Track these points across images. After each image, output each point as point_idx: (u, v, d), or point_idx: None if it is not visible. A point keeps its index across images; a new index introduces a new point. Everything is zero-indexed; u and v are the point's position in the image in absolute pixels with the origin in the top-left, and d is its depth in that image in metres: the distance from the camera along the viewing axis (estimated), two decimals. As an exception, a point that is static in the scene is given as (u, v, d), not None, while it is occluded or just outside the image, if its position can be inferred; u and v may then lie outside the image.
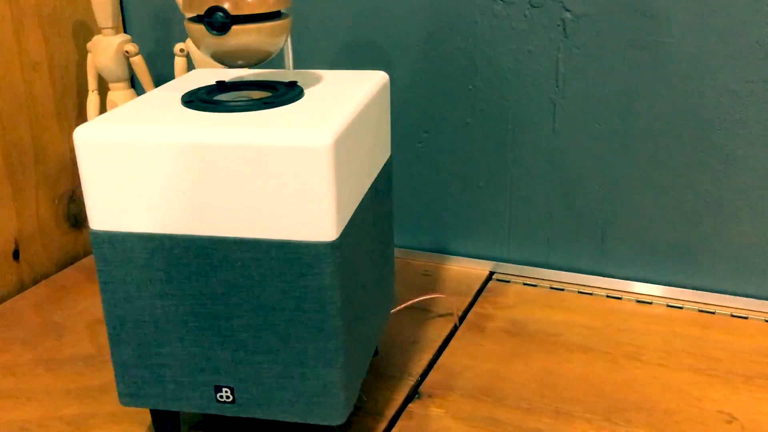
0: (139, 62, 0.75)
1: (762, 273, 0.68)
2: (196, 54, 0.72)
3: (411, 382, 0.60)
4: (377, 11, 0.74)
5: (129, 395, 0.50)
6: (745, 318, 0.67)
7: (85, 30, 0.80)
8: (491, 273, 0.77)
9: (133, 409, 0.58)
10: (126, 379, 0.50)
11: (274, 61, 0.51)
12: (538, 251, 0.76)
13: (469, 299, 0.72)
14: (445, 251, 0.80)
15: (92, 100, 0.77)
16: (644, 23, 0.66)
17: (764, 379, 0.59)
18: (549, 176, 0.74)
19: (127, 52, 0.74)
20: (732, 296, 0.69)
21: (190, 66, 0.75)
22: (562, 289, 0.74)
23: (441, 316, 0.69)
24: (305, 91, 0.50)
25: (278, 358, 0.47)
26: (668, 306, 0.70)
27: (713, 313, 0.68)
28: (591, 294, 0.73)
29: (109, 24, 0.74)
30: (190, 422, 0.56)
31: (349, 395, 0.49)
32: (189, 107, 0.48)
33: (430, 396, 0.58)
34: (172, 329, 0.48)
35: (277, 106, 0.47)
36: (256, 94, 0.50)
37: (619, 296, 0.72)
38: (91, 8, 0.80)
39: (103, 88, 0.77)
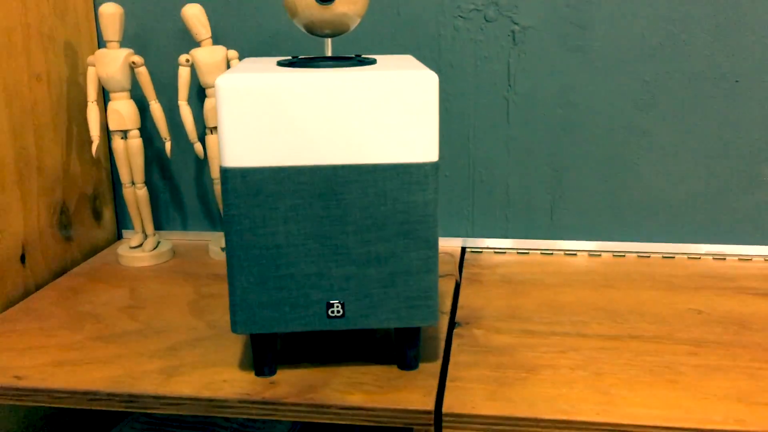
0: (143, 72, 0.81)
1: (675, 220, 0.87)
2: (201, 63, 0.80)
3: (446, 317, 0.70)
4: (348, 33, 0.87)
5: (245, 322, 0.56)
6: (672, 257, 0.85)
7: (73, 49, 0.85)
8: (463, 248, 0.90)
9: (218, 353, 0.63)
10: (244, 306, 0.56)
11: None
12: (499, 226, 0.90)
13: (456, 266, 0.84)
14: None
15: (93, 109, 0.82)
16: (576, 32, 0.84)
17: (691, 291, 0.76)
18: (505, 161, 0.89)
19: (133, 63, 0.80)
20: (662, 243, 0.87)
21: (194, 75, 0.83)
22: (527, 253, 0.88)
23: (441, 276, 0.80)
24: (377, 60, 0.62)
25: (385, 268, 0.56)
26: (614, 256, 0.86)
27: (649, 256, 0.86)
28: (551, 254, 0.87)
29: (116, 38, 0.80)
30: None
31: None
32: (292, 67, 0.57)
33: (467, 323, 0.69)
34: (293, 252, 0.55)
35: (367, 65, 0.58)
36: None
37: (574, 253, 0.87)
38: (79, 28, 0.86)
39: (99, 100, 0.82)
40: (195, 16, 0.80)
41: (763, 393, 0.56)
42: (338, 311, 0.57)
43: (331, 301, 0.57)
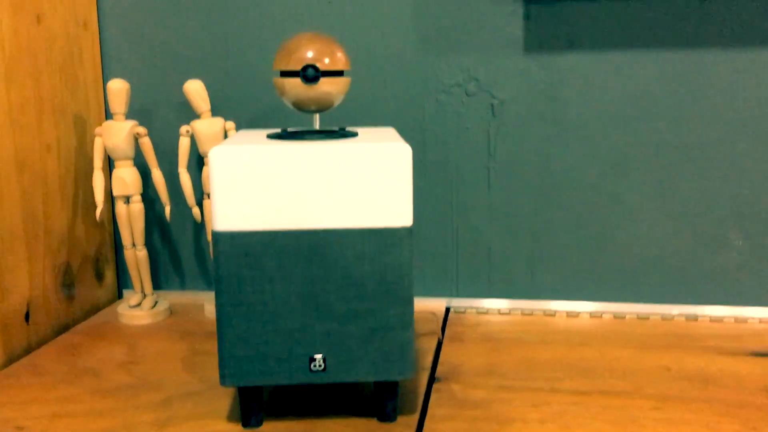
0: (146, 142, 0.87)
1: (648, 281, 0.91)
2: (200, 134, 0.86)
3: (426, 372, 0.74)
4: (338, 107, 0.93)
5: (232, 375, 0.60)
6: (647, 318, 0.89)
7: (82, 120, 0.91)
8: (448, 308, 0.94)
9: (208, 406, 0.67)
10: (231, 359, 0.60)
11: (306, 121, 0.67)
12: (482, 287, 0.95)
13: (439, 325, 0.88)
14: (406, 295, 0.95)
15: (98, 176, 0.87)
16: (551, 105, 0.90)
17: (662, 349, 0.79)
18: (487, 226, 0.93)
19: (137, 133, 0.86)
20: (636, 304, 0.91)
21: (193, 144, 0.88)
22: (508, 313, 0.92)
23: (424, 335, 0.84)
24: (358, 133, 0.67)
25: (364, 325, 0.60)
26: (591, 316, 0.90)
27: (624, 317, 0.90)
28: (532, 314, 0.91)
29: (122, 110, 0.86)
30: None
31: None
32: (280, 139, 0.62)
33: (446, 379, 0.73)
34: (278, 309, 0.60)
35: (349, 137, 0.63)
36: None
37: (553, 313, 0.91)
38: (88, 102, 0.92)
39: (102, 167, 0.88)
40: (196, 91, 0.86)
41: (720, 444, 0.59)
42: (320, 365, 0.61)
43: (314, 356, 0.61)
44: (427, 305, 0.94)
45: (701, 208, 0.89)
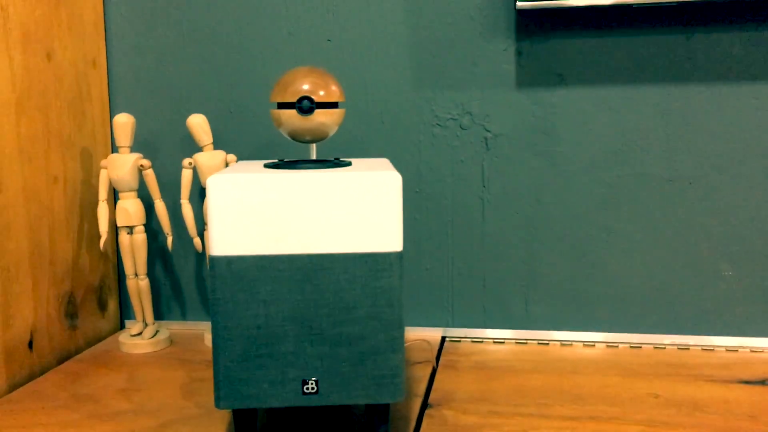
0: (150, 174, 0.90)
1: (640, 311, 0.92)
2: (202, 166, 0.89)
3: (419, 399, 0.75)
4: (341, 132, 0.96)
5: (227, 398, 0.62)
6: (639, 347, 0.90)
7: (89, 153, 0.94)
8: (443, 337, 0.95)
9: (204, 431, 0.68)
10: (226, 383, 0.62)
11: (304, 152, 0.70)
12: (477, 317, 0.96)
13: (434, 353, 0.89)
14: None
15: (103, 207, 0.90)
16: (542, 138, 0.93)
17: (652, 377, 0.81)
18: (481, 255, 0.95)
19: (141, 166, 0.89)
20: (628, 334, 0.92)
21: (195, 176, 0.91)
22: (503, 342, 0.93)
23: (419, 362, 0.86)
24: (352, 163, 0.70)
25: (356, 348, 0.62)
26: (584, 345, 0.91)
27: (617, 346, 0.91)
28: (525, 343, 0.93)
29: (127, 143, 0.89)
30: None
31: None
32: (276, 168, 0.65)
33: (439, 405, 0.74)
34: (272, 333, 0.62)
35: (342, 167, 0.66)
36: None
37: (547, 343, 0.92)
38: (95, 136, 0.95)
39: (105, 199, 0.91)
40: (198, 125, 0.89)
41: (705, 467, 0.60)
42: (313, 388, 0.62)
43: (306, 379, 0.62)
44: (423, 334, 0.96)
45: (691, 239, 0.91)
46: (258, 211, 0.61)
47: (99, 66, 0.97)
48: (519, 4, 0.84)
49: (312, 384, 0.62)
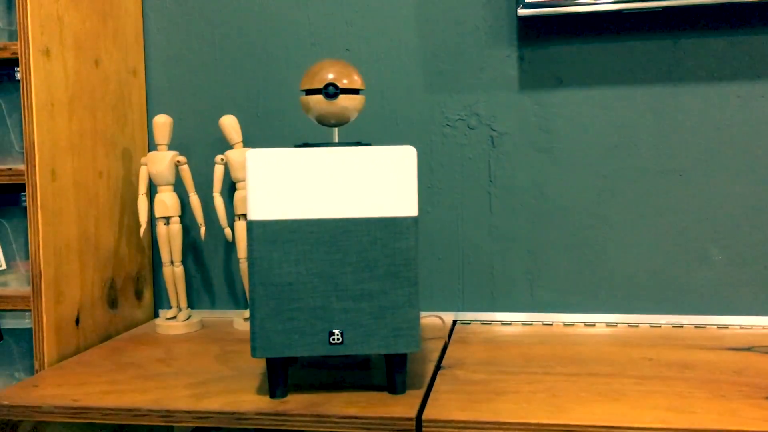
0: (186, 170, 0.99)
1: (637, 294, 1.00)
2: (233, 162, 0.98)
3: (433, 364, 0.83)
4: (358, 134, 1.04)
5: (263, 348, 0.70)
6: (636, 326, 0.97)
7: (129, 152, 1.03)
8: (455, 320, 1.02)
9: (239, 385, 0.76)
10: (261, 334, 0.70)
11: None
12: (486, 302, 1.03)
13: (447, 332, 0.96)
14: (417, 310, 1.05)
15: (143, 200, 0.99)
16: (544, 136, 1.01)
17: (648, 347, 0.88)
18: (488, 246, 1.03)
19: (178, 162, 0.98)
20: (626, 315, 0.99)
21: (227, 173, 1.00)
22: (510, 324, 1.00)
23: (432, 338, 0.93)
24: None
25: (376, 303, 0.70)
26: (585, 325, 0.99)
27: (616, 325, 0.98)
28: (531, 324, 1.00)
29: (165, 142, 0.98)
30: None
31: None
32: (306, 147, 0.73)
33: (450, 367, 0.81)
34: (302, 288, 0.69)
35: (363, 145, 0.74)
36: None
37: (551, 324, 1.00)
38: (135, 136, 1.04)
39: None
40: (230, 125, 0.98)
41: (690, 406, 0.67)
42: (338, 339, 0.70)
43: (333, 330, 0.70)
44: (438, 318, 1.03)
45: (683, 227, 0.98)
46: (290, 181, 0.69)
47: (138, 74, 1.06)
48: (520, 11, 0.94)
49: (338, 335, 0.70)
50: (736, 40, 0.95)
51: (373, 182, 0.70)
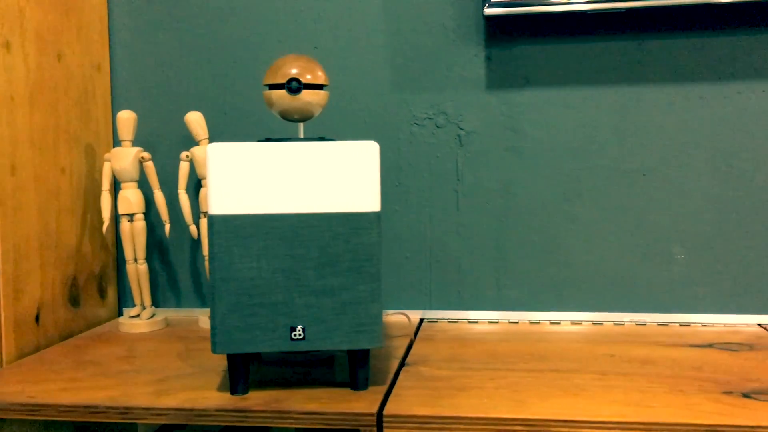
0: (150, 166, 0.98)
1: (601, 292, 1.00)
2: (199, 159, 0.97)
3: (397, 360, 0.82)
4: (325, 132, 1.04)
5: (223, 344, 0.69)
6: (601, 324, 0.98)
7: (92, 148, 1.02)
8: (422, 319, 1.02)
9: (200, 382, 0.75)
10: (222, 330, 0.69)
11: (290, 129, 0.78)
12: (453, 300, 1.04)
13: (413, 329, 0.96)
14: (385, 307, 1.04)
15: (105, 197, 0.97)
16: (511, 135, 1.01)
17: (610, 343, 0.88)
18: (456, 244, 1.03)
19: (142, 158, 0.97)
20: (591, 313, 1.00)
21: (192, 169, 0.99)
22: (476, 322, 1.01)
23: (398, 336, 0.93)
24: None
25: (338, 298, 0.69)
26: (551, 323, 0.99)
27: (580, 323, 0.98)
28: (497, 322, 1.00)
29: (129, 138, 0.97)
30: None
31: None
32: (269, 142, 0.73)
33: (415, 364, 0.81)
34: (263, 284, 0.69)
35: (327, 140, 0.74)
36: (305, 141, 0.76)
37: (517, 322, 1.00)
38: (99, 131, 1.03)
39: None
40: (195, 121, 0.98)
41: (649, 400, 0.68)
42: (300, 335, 0.70)
43: (294, 326, 0.70)
44: (405, 316, 1.03)
45: (646, 226, 0.99)
46: (252, 175, 0.69)
47: (103, 69, 1.05)
48: (486, 10, 0.94)
49: (299, 331, 0.69)
50: (700, 42, 0.97)
51: (335, 177, 0.69)
